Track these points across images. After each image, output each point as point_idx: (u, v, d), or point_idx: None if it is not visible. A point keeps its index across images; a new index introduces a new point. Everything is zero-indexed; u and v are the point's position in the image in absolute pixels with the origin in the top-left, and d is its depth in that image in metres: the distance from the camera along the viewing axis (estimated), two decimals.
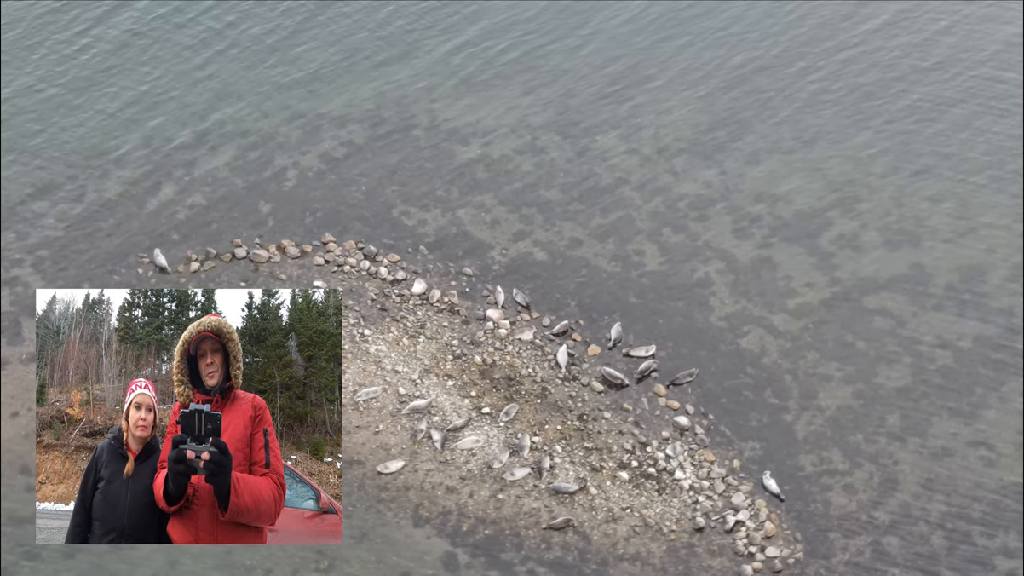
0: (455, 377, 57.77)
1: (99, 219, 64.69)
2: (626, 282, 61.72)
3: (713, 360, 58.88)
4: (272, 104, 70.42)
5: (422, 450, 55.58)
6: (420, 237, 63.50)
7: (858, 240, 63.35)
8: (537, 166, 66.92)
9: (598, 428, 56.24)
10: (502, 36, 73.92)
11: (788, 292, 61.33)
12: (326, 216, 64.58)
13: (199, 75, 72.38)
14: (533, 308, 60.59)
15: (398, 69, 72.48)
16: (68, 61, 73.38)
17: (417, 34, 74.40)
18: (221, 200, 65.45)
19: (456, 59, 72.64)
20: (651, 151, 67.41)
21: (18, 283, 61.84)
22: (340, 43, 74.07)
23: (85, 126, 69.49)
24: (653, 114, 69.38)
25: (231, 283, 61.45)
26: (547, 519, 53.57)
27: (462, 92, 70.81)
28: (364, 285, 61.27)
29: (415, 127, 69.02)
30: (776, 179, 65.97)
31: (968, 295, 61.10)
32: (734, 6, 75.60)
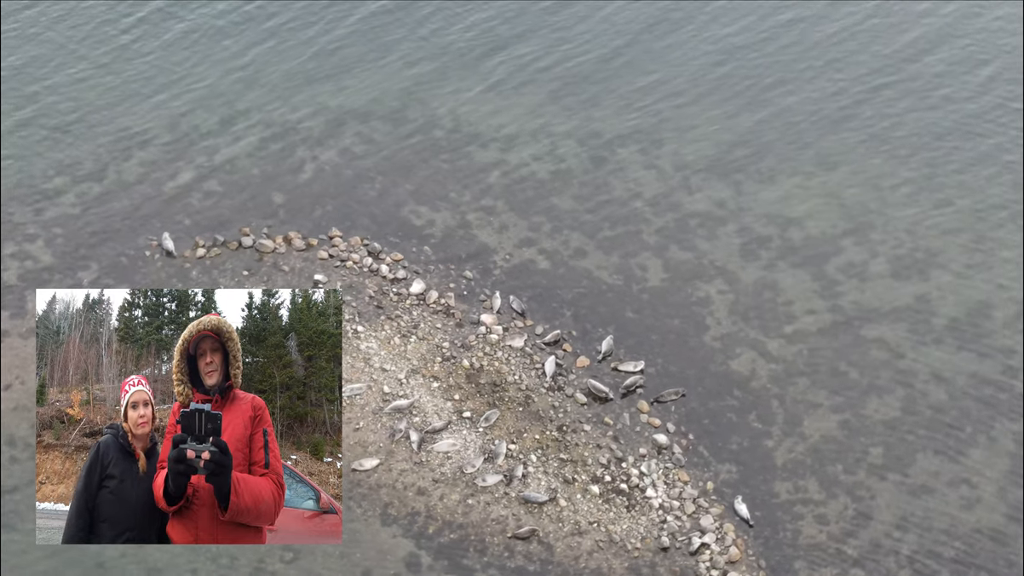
0: (441, 379, 58.08)
1: (116, 199, 65.80)
2: (625, 296, 61.62)
3: (701, 380, 58.63)
4: (301, 97, 71.20)
5: (399, 450, 55.92)
6: (426, 237, 63.87)
7: (866, 269, 62.74)
8: (553, 174, 67.03)
9: (576, 440, 56.22)
10: (540, 45, 74.17)
11: (787, 317, 60.90)
12: (336, 211, 65.16)
13: (235, 64, 73.42)
14: (528, 316, 60.71)
15: (430, 71, 72.96)
16: (111, 45, 74.63)
17: (454, 37, 74.72)
18: (236, 188, 66.28)
19: (489, 64, 72.97)
20: (669, 166, 67.23)
21: (27, 257, 63.10)
22: (377, 42, 74.73)
23: (117, 108, 70.75)
24: (677, 130, 69.14)
25: (234, 271, 62.23)
26: (513, 527, 53.66)
27: (490, 97, 71.06)
28: (364, 282, 61.73)
29: (437, 128, 69.40)
30: (791, 202, 65.50)
31: (970, 331, 60.29)
32: (774, 30, 74.91)
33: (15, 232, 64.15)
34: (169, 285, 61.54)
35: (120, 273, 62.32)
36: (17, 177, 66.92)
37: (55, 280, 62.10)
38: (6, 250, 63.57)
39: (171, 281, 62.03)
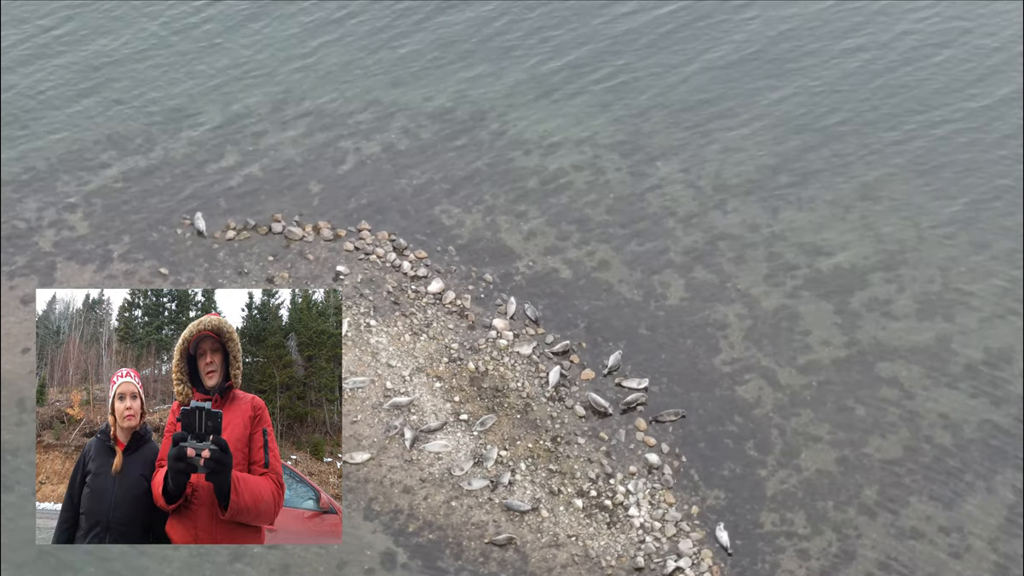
0: (444, 380, 58.46)
1: (158, 176, 67.18)
2: (641, 312, 61.49)
3: (704, 403, 58.35)
4: (356, 90, 72.06)
5: (392, 446, 56.42)
6: (453, 237, 64.24)
7: (890, 305, 61.90)
8: (590, 184, 67.04)
9: (568, 452, 56.28)
10: (599, 58, 74.12)
11: (802, 347, 60.30)
12: (370, 204, 65.86)
13: (298, 54, 74.64)
14: (542, 324, 60.83)
15: (487, 74, 73.34)
16: (185, 30, 76.25)
17: (518, 43, 75.04)
18: (276, 174, 67.26)
19: (545, 71, 73.20)
20: (708, 186, 66.87)
21: (64, 226, 64.76)
22: (442, 43, 75.27)
23: (175, 87, 72.18)
24: (723, 150, 68.74)
25: (260, 255, 63.23)
26: (492, 533, 53.88)
27: (541, 104, 71.25)
28: (384, 276, 62.28)
29: (483, 130, 69.72)
30: (826, 232, 64.82)
31: (987, 377, 59.22)
32: (838, 59, 74.11)
33: (57, 200, 65.90)
34: (194, 264, 62.73)
35: (149, 248, 63.58)
36: (68, 147, 68.46)
37: (87, 251, 63.81)
38: (47, 217, 65.12)
39: (197, 260, 63.11)
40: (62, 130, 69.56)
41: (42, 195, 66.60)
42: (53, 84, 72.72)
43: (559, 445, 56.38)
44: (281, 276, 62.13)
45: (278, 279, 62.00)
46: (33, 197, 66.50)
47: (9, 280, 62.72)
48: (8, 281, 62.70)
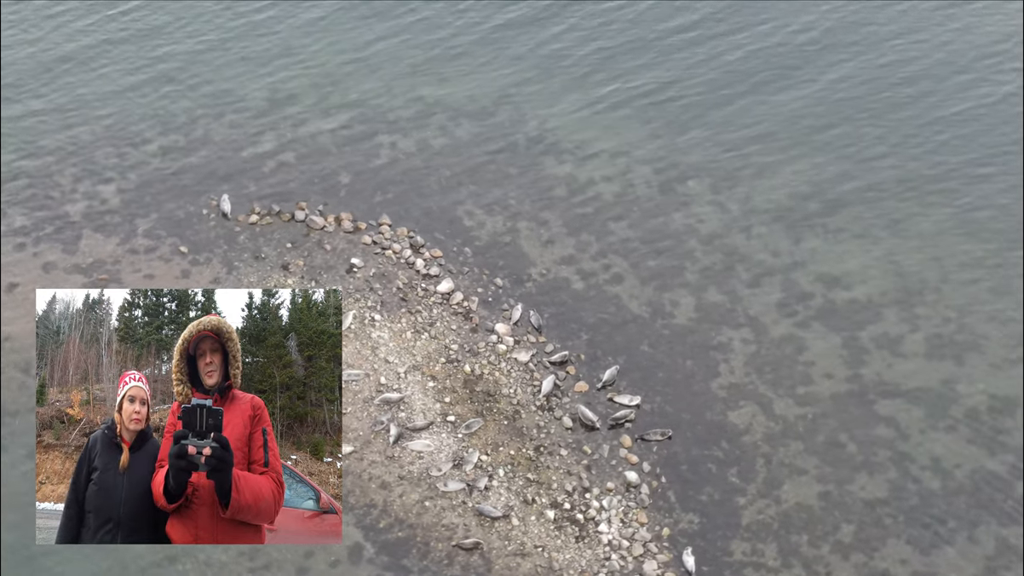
0: (438, 380, 58.87)
1: (195, 155, 68.55)
2: (646, 329, 61.33)
3: (693, 425, 58.07)
4: (402, 87, 72.74)
5: (376, 441, 56.98)
6: (471, 239, 64.59)
7: (901, 343, 61.05)
8: (617, 197, 66.94)
9: (549, 463, 56.40)
10: (653, 74, 73.84)
11: (803, 378, 59.73)
12: (395, 199, 66.46)
13: (353, 52, 75.63)
14: (544, 332, 60.94)
15: (535, 80, 73.61)
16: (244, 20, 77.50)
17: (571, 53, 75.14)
18: (308, 162, 68.19)
19: (592, 83, 73.19)
20: (736, 208, 66.42)
21: (96, 197, 66.35)
22: (497, 47, 75.56)
23: (226, 71, 73.51)
24: (757, 174, 68.20)
25: (279, 242, 64.15)
26: (460, 537, 54.15)
27: (583, 114, 71.32)
28: (397, 272, 62.84)
29: (520, 135, 69.94)
30: (847, 263, 64.02)
31: (987, 425, 58.19)
32: (890, 94, 72.98)
33: (93, 173, 67.43)
34: (214, 245, 63.94)
35: (174, 226, 64.88)
36: (115, 121, 70.17)
37: (113, 223, 65.63)
38: (82, 187, 66.75)
39: (217, 241, 64.21)
40: (112, 104, 71.17)
41: (82, 165, 68.27)
42: (112, 60, 74.35)
43: (541, 455, 56.45)
44: (296, 264, 62.97)
45: (292, 266, 62.84)
46: (73, 167, 68.13)
47: (34, 246, 64.20)
48: (33, 247, 64.17)
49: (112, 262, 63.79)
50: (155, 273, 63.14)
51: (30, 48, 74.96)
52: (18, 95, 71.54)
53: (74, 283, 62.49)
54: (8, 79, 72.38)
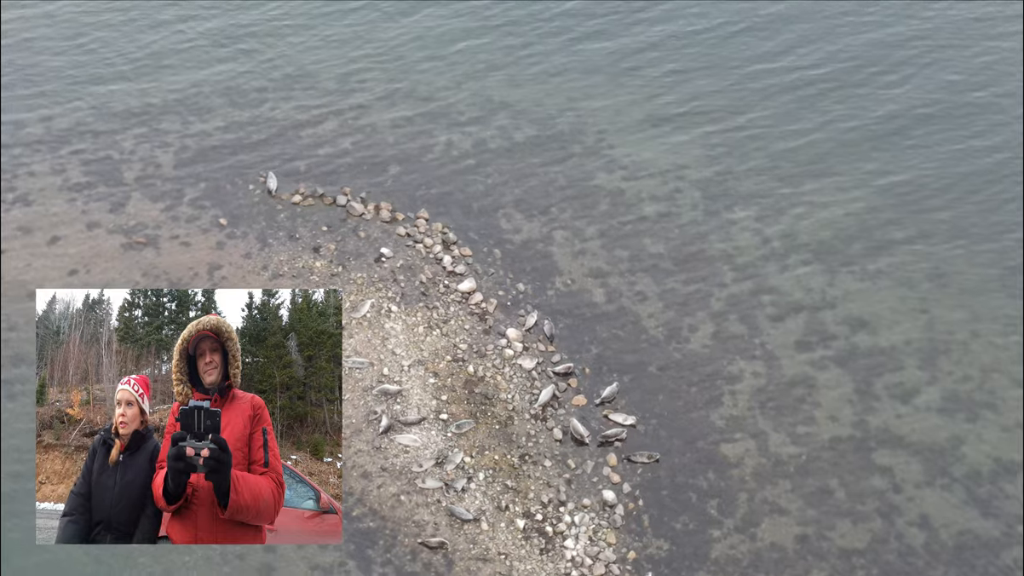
0: (440, 377, 59.36)
1: (255, 131, 70.03)
2: (657, 350, 61.00)
3: (683, 452, 57.68)
4: (473, 84, 73.37)
5: (367, 430, 57.69)
6: (503, 241, 64.86)
7: (915, 394, 59.77)
8: (659, 215, 66.61)
9: (530, 472, 56.53)
10: (725, 102, 73.08)
11: (806, 418, 58.89)
12: (438, 194, 67.06)
13: (436, 45, 76.30)
14: (555, 342, 60.98)
15: (604, 92, 73.35)
16: (335, 5, 78.86)
17: (646, 71, 74.75)
18: (363, 149, 69.18)
19: (663, 103, 72.59)
20: (777, 240, 65.59)
21: (152, 162, 68.16)
22: (577, 57, 75.59)
23: (306, 55, 75.23)
24: (807, 208, 67.19)
25: (315, 224, 65.25)
26: (428, 535, 54.61)
27: (643, 129, 71.00)
28: (423, 266, 63.43)
29: (576, 143, 69.98)
30: (877, 307, 62.80)
31: (986, 488, 56.70)
32: (974, 148, 71.23)
33: (155, 139, 69.34)
34: (253, 220, 65.47)
35: (219, 198, 66.42)
36: (185, 91, 72.08)
37: (162, 189, 67.54)
38: (142, 151, 68.76)
39: (256, 217, 65.53)
40: (188, 77, 72.94)
41: (145, 130, 70.09)
42: (199, 34, 76.19)
43: (525, 463, 56.60)
44: (327, 247, 63.95)
45: (323, 250, 63.83)
46: (137, 130, 70.01)
47: (84, 204, 66.27)
48: (83, 204, 66.25)
49: (153, 226, 65.41)
50: (191, 241, 64.57)
51: (120, 16, 77.04)
52: (100, 60, 73.70)
53: (114, 244, 64.22)
54: (93, 44, 74.65)
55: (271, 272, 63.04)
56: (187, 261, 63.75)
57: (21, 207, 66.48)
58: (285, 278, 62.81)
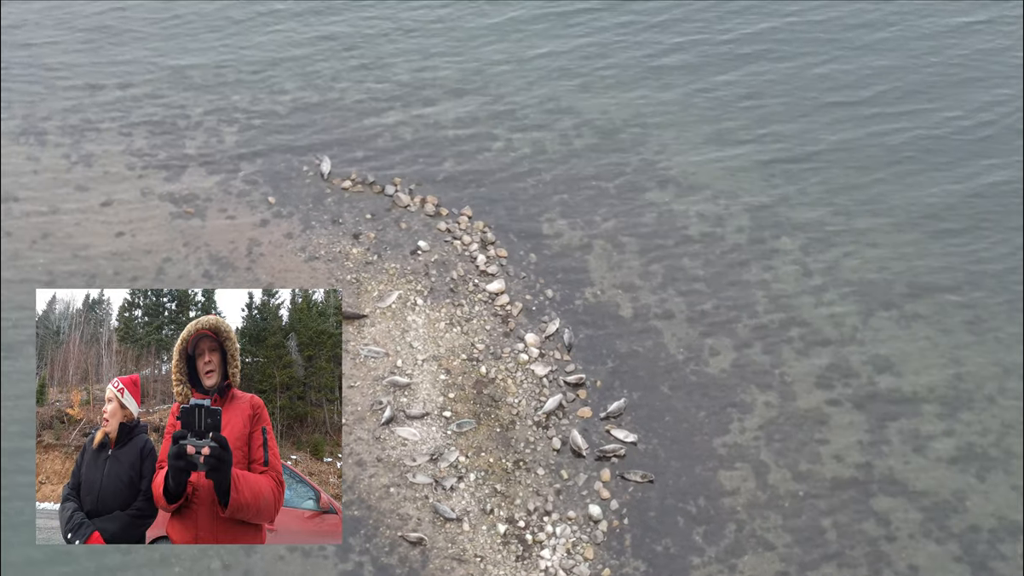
0: (451, 374, 59.77)
1: (320, 113, 71.30)
2: (674, 371, 60.59)
3: (679, 476, 57.30)
4: (544, 88, 73.42)
5: (370, 420, 58.36)
6: (541, 246, 64.90)
7: (927, 443, 58.51)
8: (704, 236, 66.03)
9: (522, 479, 56.68)
10: (801, 133, 71.79)
11: (811, 455, 58.10)
12: (486, 192, 67.37)
13: (517, 48, 76.58)
14: (573, 351, 60.98)
15: (675, 107, 72.71)
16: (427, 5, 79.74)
17: (721, 91, 73.96)
18: (421, 142, 69.86)
19: (732, 127, 71.63)
20: (818, 273, 64.58)
21: (215, 135, 69.73)
22: (658, 77, 74.98)
23: (386, 47, 76.05)
24: (856, 242, 65.92)
25: (359, 211, 66.08)
26: (409, 529, 55.16)
27: (706, 149, 70.18)
28: (457, 263, 63.86)
29: (635, 155, 69.67)
30: (907, 351, 61.43)
31: (983, 546, 55.19)
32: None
33: (222, 112, 70.90)
34: (300, 201, 66.73)
35: (271, 176, 67.66)
36: (261, 66, 73.54)
37: (219, 162, 69.07)
38: (208, 123, 70.35)
39: (304, 199, 66.63)
40: (266, 59, 74.37)
41: (215, 104, 71.66)
42: (286, 17, 77.73)
43: (518, 469, 56.73)
44: (367, 235, 64.70)
45: (363, 237, 64.58)
46: (207, 104, 71.60)
47: (142, 169, 68.06)
48: (140, 170, 68.03)
49: (204, 198, 66.84)
50: (237, 216, 65.83)
51: (216, 4, 78.83)
52: (185, 33, 75.46)
53: (163, 211, 65.86)
54: (183, 17, 76.45)
55: (308, 254, 63.96)
56: (229, 235, 64.92)
57: (83, 167, 68.33)
58: (320, 261, 63.58)
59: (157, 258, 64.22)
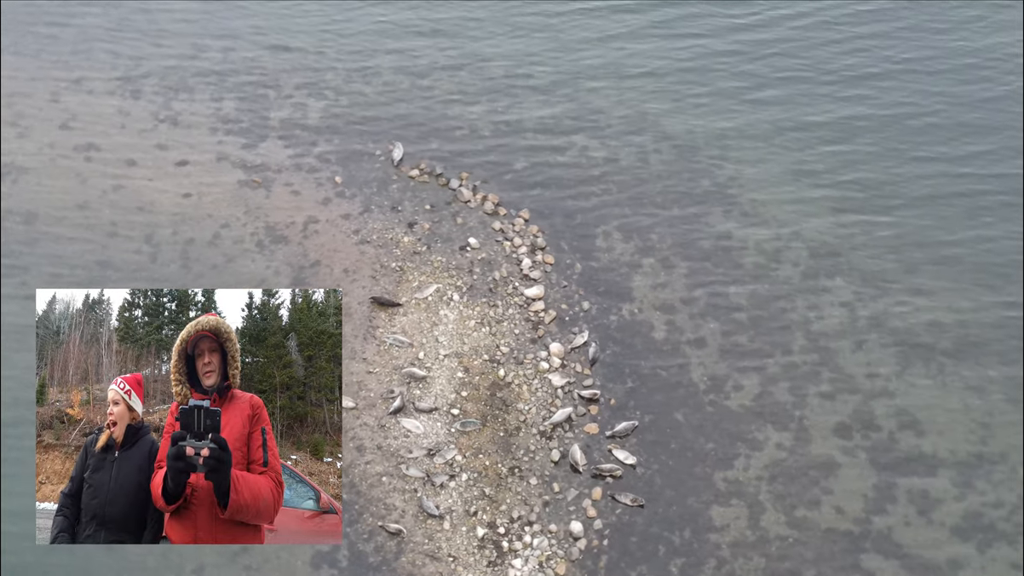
0: (469, 373, 60.15)
1: (408, 99, 72.32)
2: (691, 399, 59.94)
3: (671, 505, 56.75)
4: (634, 104, 72.48)
5: (379, 407, 59.22)
6: (590, 258, 64.57)
7: (935, 506, 56.75)
8: (756, 268, 64.93)
9: (512, 486, 56.85)
10: (887, 180, 69.79)
11: (810, 502, 57.00)
12: (549, 197, 67.34)
13: (617, 55, 76.17)
14: (595, 366, 60.85)
15: (763, 135, 71.20)
16: None
17: (817, 126, 72.24)
18: (497, 139, 70.12)
19: (819, 168, 69.92)
20: (864, 320, 62.81)
21: (301, 110, 71.26)
22: (755, 104, 73.74)
23: (486, 40, 76.39)
24: (912, 298, 63.87)
25: (420, 200, 66.77)
26: (391, 520, 55.94)
27: (783, 181, 68.51)
28: (502, 263, 64.18)
29: (707, 179, 68.61)
30: (936, 409, 59.52)
31: None
32: None
33: (315, 89, 72.44)
34: (365, 185, 67.77)
35: (343, 156, 68.86)
36: (359, 55, 74.68)
37: (298, 138, 70.53)
38: (296, 97, 71.95)
39: (369, 182, 67.63)
40: (365, 41, 75.64)
41: (309, 77, 73.13)
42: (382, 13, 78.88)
43: (512, 475, 56.94)
44: (422, 226, 65.36)
45: (417, 227, 65.27)
46: (300, 77, 73.10)
47: (225, 135, 69.83)
48: (224, 136, 69.82)
49: (275, 170, 68.27)
50: (301, 191, 67.11)
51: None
52: (295, 22, 76.98)
53: (232, 178, 67.54)
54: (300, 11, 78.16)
55: (359, 237, 64.86)
56: (289, 210, 66.19)
57: (168, 126, 70.33)
58: (370, 245, 64.40)
59: (216, 223, 65.69)
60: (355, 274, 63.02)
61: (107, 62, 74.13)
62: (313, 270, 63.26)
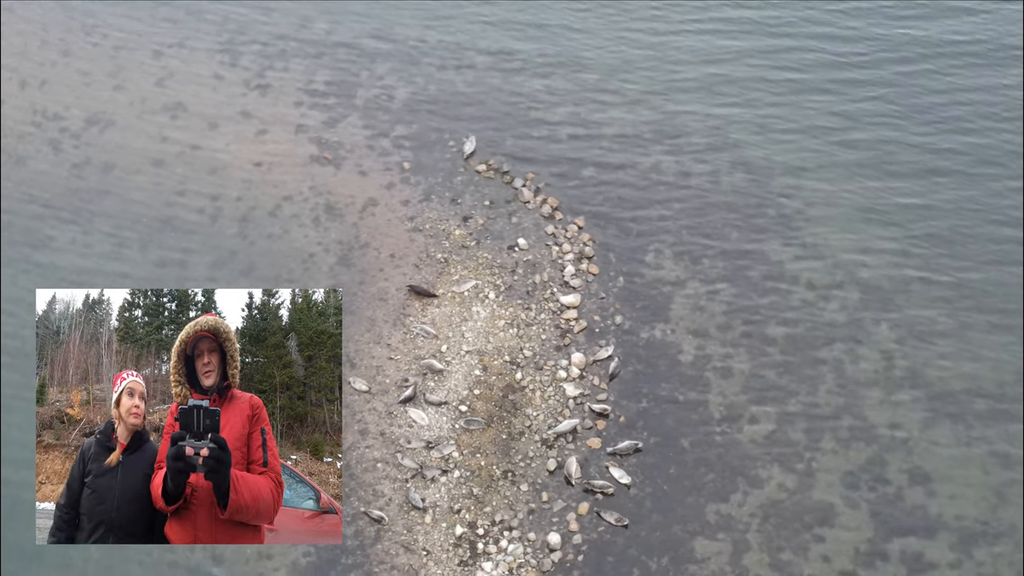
0: (487, 371, 60.32)
1: (492, 93, 72.74)
2: (702, 427, 58.97)
3: (655, 529, 56.09)
4: (719, 124, 71.41)
5: (391, 393, 59.89)
6: (634, 273, 64.00)
7: (926, 571, 54.89)
8: (803, 302, 63.51)
9: (502, 489, 56.91)
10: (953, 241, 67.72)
11: (799, 547, 55.63)
12: (608, 206, 66.87)
13: (735, 82, 75.21)
14: (612, 382, 60.55)
15: (838, 165, 69.73)
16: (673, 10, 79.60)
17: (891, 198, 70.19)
18: (573, 143, 69.90)
19: (887, 204, 68.07)
20: (902, 371, 60.94)
21: (386, 93, 72.16)
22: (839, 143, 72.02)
23: (592, 41, 76.29)
24: (956, 351, 61.65)
25: (480, 196, 66.97)
26: (376, 507, 56.64)
27: (848, 219, 67.02)
28: (546, 266, 64.22)
29: (772, 207, 67.19)
30: (953, 473, 57.31)
31: None
32: None
33: (406, 75, 73.55)
34: (431, 174, 68.51)
35: (416, 143, 69.50)
36: (459, 43, 75.27)
37: (376, 123, 71.41)
38: (386, 81, 72.88)
39: (435, 172, 68.21)
40: (472, 32, 76.01)
41: (403, 62, 74.06)
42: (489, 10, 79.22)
43: (504, 479, 57.04)
44: (476, 221, 65.66)
45: (471, 222, 65.59)
46: (395, 61, 74.06)
47: (308, 109, 71.20)
48: (308, 110, 71.30)
49: (348, 148, 69.28)
50: (368, 173, 67.94)
51: None
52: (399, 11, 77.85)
53: (304, 152, 68.72)
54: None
55: (413, 225, 65.44)
56: (352, 190, 67.07)
57: (256, 95, 71.86)
58: (421, 234, 64.94)
59: (280, 194, 66.96)
60: (400, 260, 63.47)
61: (216, 25, 75.77)
62: (361, 251, 63.92)
